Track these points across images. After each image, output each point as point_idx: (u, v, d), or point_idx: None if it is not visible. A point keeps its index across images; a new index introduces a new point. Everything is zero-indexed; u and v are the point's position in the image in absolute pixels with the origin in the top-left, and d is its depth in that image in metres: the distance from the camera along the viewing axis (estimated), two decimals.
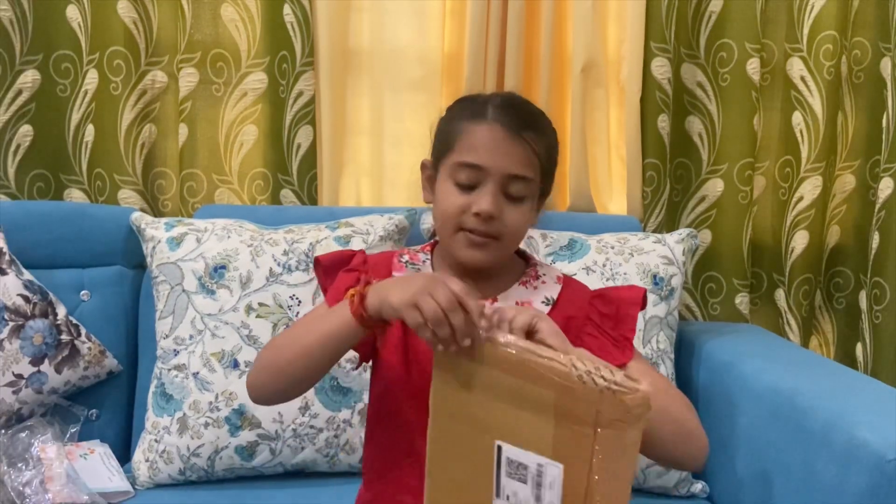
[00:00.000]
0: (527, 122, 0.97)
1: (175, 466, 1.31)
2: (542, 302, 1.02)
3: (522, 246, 1.10)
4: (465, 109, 1.00)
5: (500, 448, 0.79)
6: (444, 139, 1.01)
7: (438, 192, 1.01)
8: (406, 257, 1.07)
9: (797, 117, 1.71)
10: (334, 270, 1.05)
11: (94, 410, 1.46)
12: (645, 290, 1.03)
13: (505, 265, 1.05)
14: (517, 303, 1.01)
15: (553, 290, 1.04)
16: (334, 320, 0.90)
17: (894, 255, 1.62)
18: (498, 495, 0.80)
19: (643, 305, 1.03)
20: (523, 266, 1.07)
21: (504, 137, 0.95)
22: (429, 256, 1.07)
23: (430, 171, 1.04)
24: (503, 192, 0.96)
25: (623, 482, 0.76)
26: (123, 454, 1.42)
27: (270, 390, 0.98)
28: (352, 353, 1.36)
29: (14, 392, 1.34)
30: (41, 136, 1.65)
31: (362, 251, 1.07)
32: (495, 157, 0.95)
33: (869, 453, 0.96)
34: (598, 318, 1.01)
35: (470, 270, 1.00)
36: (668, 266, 1.44)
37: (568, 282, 1.06)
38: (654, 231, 1.69)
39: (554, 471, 0.76)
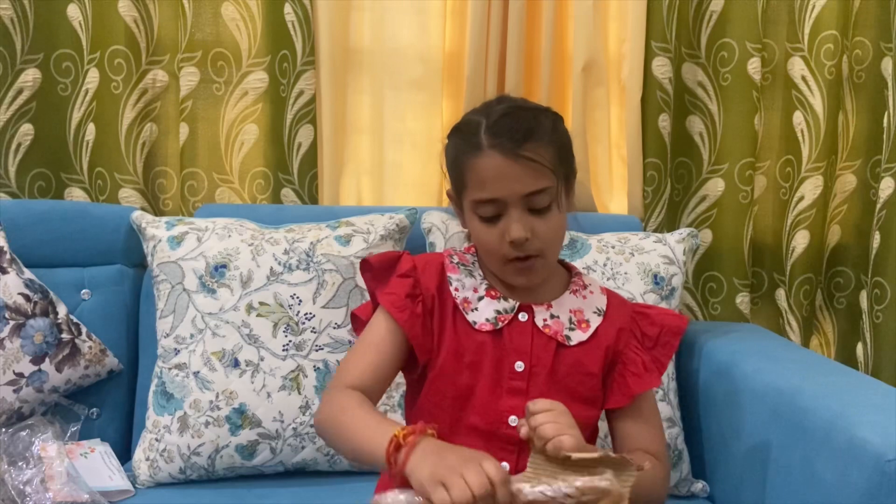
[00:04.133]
0: (522, 138, 0.95)
1: (175, 465, 1.31)
2: (594, 312, 1.04)
3: None
4: (462, 142, 0.99)
5: None
6: (455, 175, 1.01)
7: (471, 229, 1.02)
8: (456, 259, 1.07)
9: (798, 117, 1.71)
10: (384, 273, 1.05)
11: (94, 409, 1.46)
12: (687, 321, 1.07)
13: (552, 272, 1.06)
14: (570, 311, 1.03)
15: (601, 301, 1.06)
16: (368, 445, 0.87)
17: (895, 254, 1.62)
18: None
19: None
20: (567, 274, 1.09)
21: (506, 164, 0.94)
22: (476, 258, 1.07)
23: (457, 200, 1.05)
24: (528, 210, 0.96)
25: None
26: (124, 453, 1.42)
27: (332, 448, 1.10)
28: None
29: (15, 391, 1.34)
30: (42, 134, 1.65)
31: (407, 253, 1.07)
32: (505, 185, 0.95)
33: (869, 453, 0.96)
34: (640, 337, 1.04)
35: (518, 293, 1.04)
36: (669, 265, 1.44)
37: (610, 293, 1.08)
38: (655, 230, 1.69)
39: None
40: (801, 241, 1.72)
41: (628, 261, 1.43)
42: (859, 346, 1.71)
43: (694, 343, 1.50)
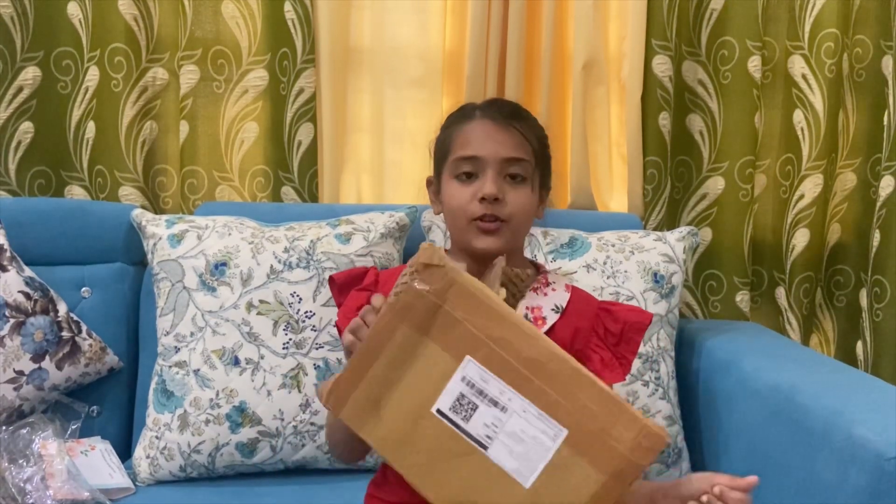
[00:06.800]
0: (512, 114, 1.04)
1: (176, 463, 1.31)
2: (552, 309, 1.06)
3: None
4: (455, 117, 1.08)
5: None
6: (441, 147, 1.08)
7: (444, 194, 1.06)
8: None
9: (798, 115, 1.71)
10: (348, 288, 1.10)
11: (94, 407, 1.46)
12: (651, 317, 1.08)
13: (516, 256, 1.09)
14: (527, 308, 1.06)
15: (562, 299, 1.07)
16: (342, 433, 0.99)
17: (895, 253, 1.62)
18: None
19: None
20: (535, 274, 1.11)
21: (494, 128, 1.03)
22: None
23: (435, 184, 1.10)
24: (503, 175, 1.02)
25: None
26: (124, 451, 1.42)
27: (344, 460, 1.16)
28: None
29: (15, 389, 1.34)
30: (42, 132, 1.65)
31: (374, 268, 1.12)
32: (488, 145, 1.02)
33: (869, 451, 0.97)
34: (603, 333, 1.05)
35: (485, 266, 1.05)
36: (669, 264, 1.44)
37: (575, 290, 1.10)
38: (655, 229, 1.69)
39: None
40: (801, 239, 1.72)
41: (628, 259, 1.43)
42: (859, 345, 1.71)
43: (694, 341, 1.50)
